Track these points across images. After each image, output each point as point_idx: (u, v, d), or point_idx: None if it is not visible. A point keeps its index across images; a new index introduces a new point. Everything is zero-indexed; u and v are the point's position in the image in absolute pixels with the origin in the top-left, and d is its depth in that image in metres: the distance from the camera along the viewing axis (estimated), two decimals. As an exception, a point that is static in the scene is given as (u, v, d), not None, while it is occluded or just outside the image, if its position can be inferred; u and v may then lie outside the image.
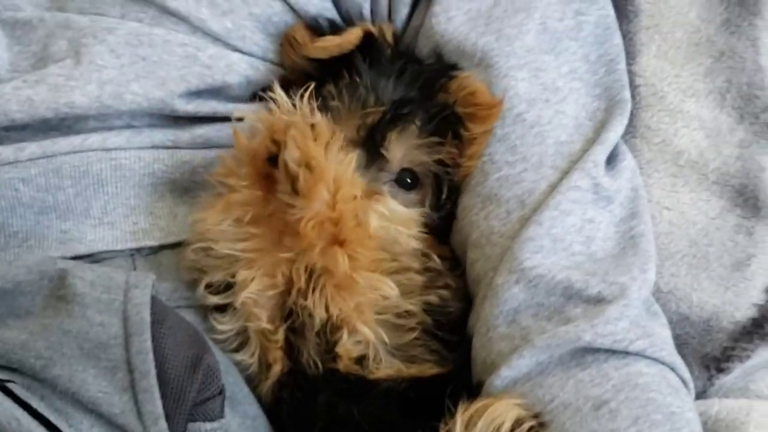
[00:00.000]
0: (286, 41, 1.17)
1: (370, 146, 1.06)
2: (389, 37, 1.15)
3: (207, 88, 1.14)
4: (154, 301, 0.95)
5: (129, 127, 1.13)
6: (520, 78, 1.13)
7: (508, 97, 1.12)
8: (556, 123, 1.12)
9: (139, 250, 1.12)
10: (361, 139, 1.06)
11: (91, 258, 1.09)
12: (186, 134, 1.14)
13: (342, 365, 1.02)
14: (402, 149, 1.09)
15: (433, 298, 1.07)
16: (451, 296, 1.09)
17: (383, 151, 1.07)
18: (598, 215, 1.08)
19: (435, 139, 1.09)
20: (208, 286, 1.04)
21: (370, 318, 1.02)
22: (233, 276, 1.02)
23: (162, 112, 1.12)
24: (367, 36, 1.13)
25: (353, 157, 1.01)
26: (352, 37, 1.12)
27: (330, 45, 1.12)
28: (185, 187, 1.14)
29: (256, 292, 1.01)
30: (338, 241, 0.99)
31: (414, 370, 1.03)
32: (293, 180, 0.96)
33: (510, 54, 1.14)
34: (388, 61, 1.12)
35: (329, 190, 0.97)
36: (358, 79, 1.09)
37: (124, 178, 1.11)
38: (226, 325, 1.04)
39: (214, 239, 1.01)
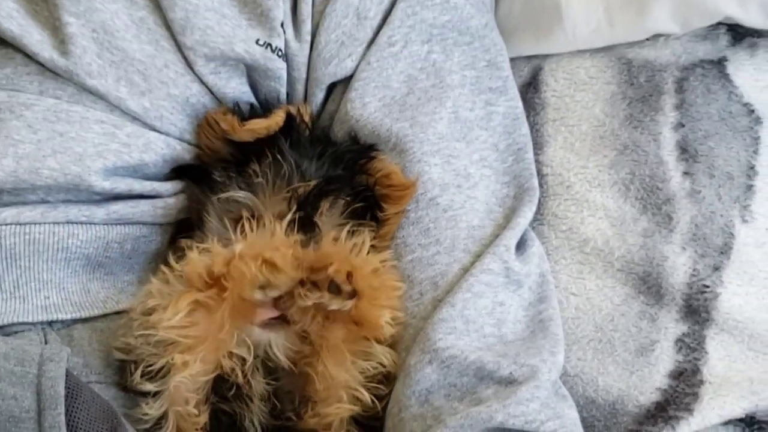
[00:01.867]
0: (205, 123, 1.18)
1: (302, 218, 1.08)
2: (307, 119, 1.17)
3: (124, 166, 1.14)
4: (69, 375, 0.94)
5: (43, 202, 1.12)
6: (434, 164, 1.16)
7: (422, 182, 1.15)
8: (468, 208, 1.15)
9: (51, 323, 1.11)
10: (291, 210, 1.08)
11: (1, 330, 1.08)
12: (101, 210, 1.13)
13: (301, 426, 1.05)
14: (331, 224, 1.10)
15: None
16: None
17: (317, 221, 1.09)
18: (508, 298, 1.10)
19: (356, 219, 1.12)
20: (144, 373, 1.03)
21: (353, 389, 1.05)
22: (169, 361, 1.02)
23: (78, 188, 1.11)
24: (288, 117, 1.15)
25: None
26: (278, 119, 1.13)
27: (258, 128, 1.12)
28: (99, 262, 1.14)
29: (189, 377, 1.02)
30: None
31: None
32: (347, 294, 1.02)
33: (423, 140, 1.16)
34: (307, 142, 1.14)
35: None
36: (281, 158, 1.10)
37: (37, 252, 1.09)
38: (153, 409, 1.03)
39: (158, 328, 1.02)
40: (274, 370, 1.07)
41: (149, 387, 1.03)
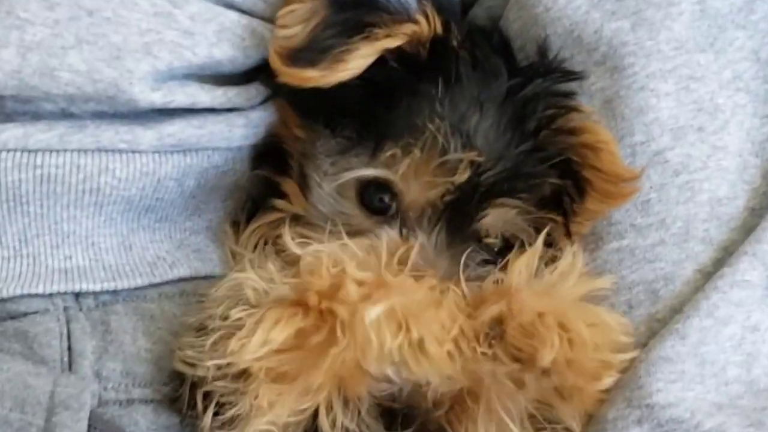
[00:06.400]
0: None
1: (456, 219, 0.93)
2: (460, 31, 0.97)
3: (184, 66, 0.98)
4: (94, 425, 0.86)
5: (65, 115, 0.97)
6: (665, 92, 0.99)
7: (644, 123, 0.97)
8: (714, 167, 0.98)
9: (78, 298, 0.97)
10: (443, 208, 0.93)
11: (4, 306, 0.96)
12: (149, 133, 0.97)
13: None
14: (501, 220, 0.96)
15: None
16: None
17: (477, 226, 0.95)
18: (766, 319, 0.94)
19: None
20: (218, 414, 0.91)
21: None
22: (252, 402, 0.89)
23: (115, 101, 0.95)
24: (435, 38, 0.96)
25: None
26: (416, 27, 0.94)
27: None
28: (146, 206, 1.00)
29: (274, 422, 0.89)
30: None
31: None
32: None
33: (651, 51, 0.99)
34: (472, 75, 0.95)
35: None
36: (425, 113, 0.93)
37: (53, 194, 0.95)
38: None
39: (241, 355, 0.88)
40: (393, 415, 0.95)
41: None
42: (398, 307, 0.85)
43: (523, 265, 0.89)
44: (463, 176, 0.91)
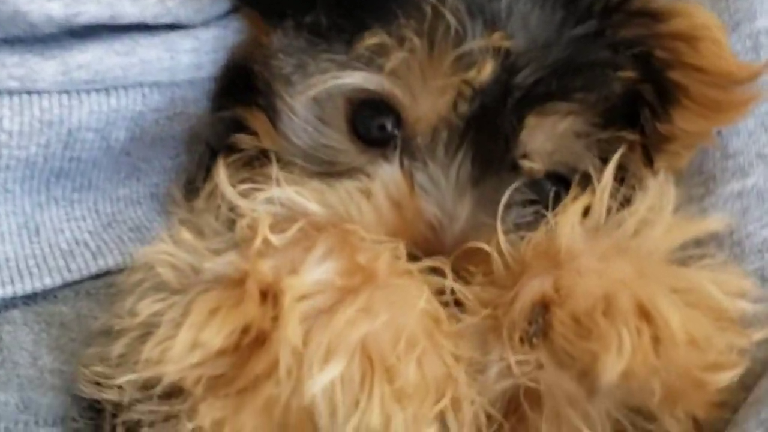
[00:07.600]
0: None
1: (485, 141, 0.73)
2: None
3: None
4: None
5: None
6: None
7: None
8: None
9: None
10: (464, 125, 0.73)
11: None
12: (51, 65, 0.80)
13: None
14: (549, 138, 0.75)
15: None
16: None
17: (514, 150, 0.75)
18: None
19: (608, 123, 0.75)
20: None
21: None
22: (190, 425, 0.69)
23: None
24: None
25: None
26: None
27: None
28: (56, 171, 0.82)
29: None
30: None
31: None
32: None
33: None
34: None
35: None
36: None
37: None
38: None
39: (166, 365, 0.67)
40: None
41: None
42: (365, 355, 0.62)
43: (577, 211, 0.65)
44: (485, 73, 0.68)
